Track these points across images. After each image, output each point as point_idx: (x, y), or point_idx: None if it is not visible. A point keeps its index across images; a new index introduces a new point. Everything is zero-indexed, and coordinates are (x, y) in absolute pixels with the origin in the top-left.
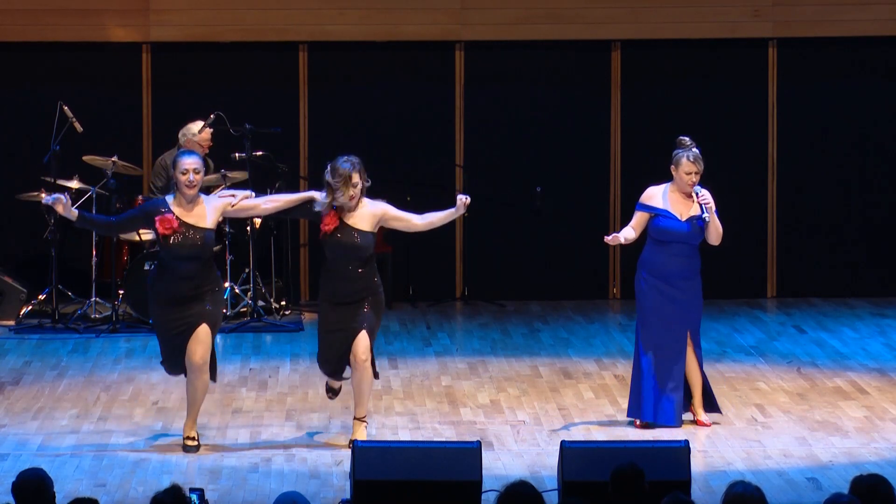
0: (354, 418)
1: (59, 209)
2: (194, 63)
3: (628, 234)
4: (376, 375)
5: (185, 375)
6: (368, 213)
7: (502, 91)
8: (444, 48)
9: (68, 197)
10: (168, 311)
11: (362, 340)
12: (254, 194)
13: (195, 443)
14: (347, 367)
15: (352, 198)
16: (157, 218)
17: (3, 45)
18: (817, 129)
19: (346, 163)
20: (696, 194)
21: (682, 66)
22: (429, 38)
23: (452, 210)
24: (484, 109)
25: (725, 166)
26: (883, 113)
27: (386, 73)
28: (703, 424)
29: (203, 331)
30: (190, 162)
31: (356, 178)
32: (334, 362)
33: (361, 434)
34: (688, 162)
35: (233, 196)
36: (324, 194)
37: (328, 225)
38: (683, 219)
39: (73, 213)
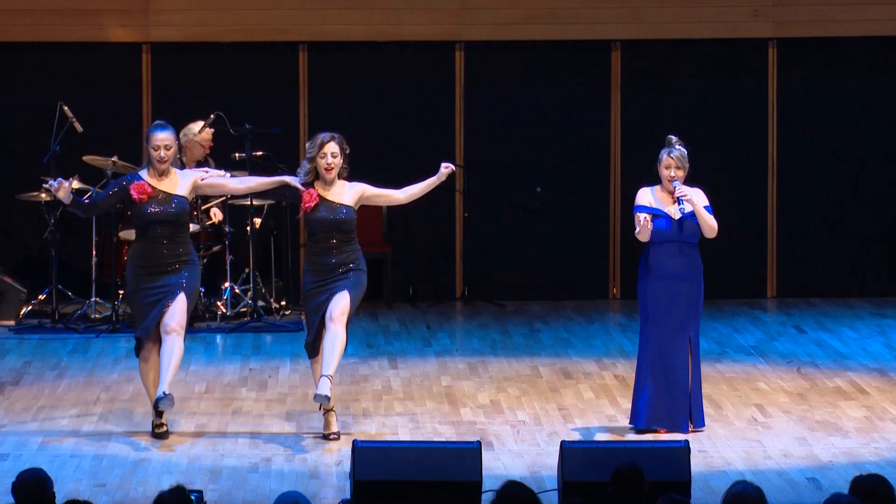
0: (322, 375)
1: (61, 194)
2: (194, 63)
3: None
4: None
5: (155, 344)
6: (348, 191)
7: (502, 91)
8: (444, 48)
9: (71, 182)
10: (145, 278)
11: (341, 300)
12: (227, 174)
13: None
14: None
15: (328, 168)
16: (131, 186)
17: (3, 45)
18: (817, 129)
19: (324, 133)
20: (675, 189)
21: (682, 66)
22: (429, 38)
23: (433, 178)
24: (484, 109)
25: (725, 166)
26: (883, 113)
27: (386, 73)
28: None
29: (181, 300)
30: (161, 138)
31: (333, 146)
32: (317, 325)
33: (325, 388)
34: (667, 157)
35: (205, 172)
36: (297, 178)
37: (308, 202)
38: (675, 217)
39: (70, 198)
